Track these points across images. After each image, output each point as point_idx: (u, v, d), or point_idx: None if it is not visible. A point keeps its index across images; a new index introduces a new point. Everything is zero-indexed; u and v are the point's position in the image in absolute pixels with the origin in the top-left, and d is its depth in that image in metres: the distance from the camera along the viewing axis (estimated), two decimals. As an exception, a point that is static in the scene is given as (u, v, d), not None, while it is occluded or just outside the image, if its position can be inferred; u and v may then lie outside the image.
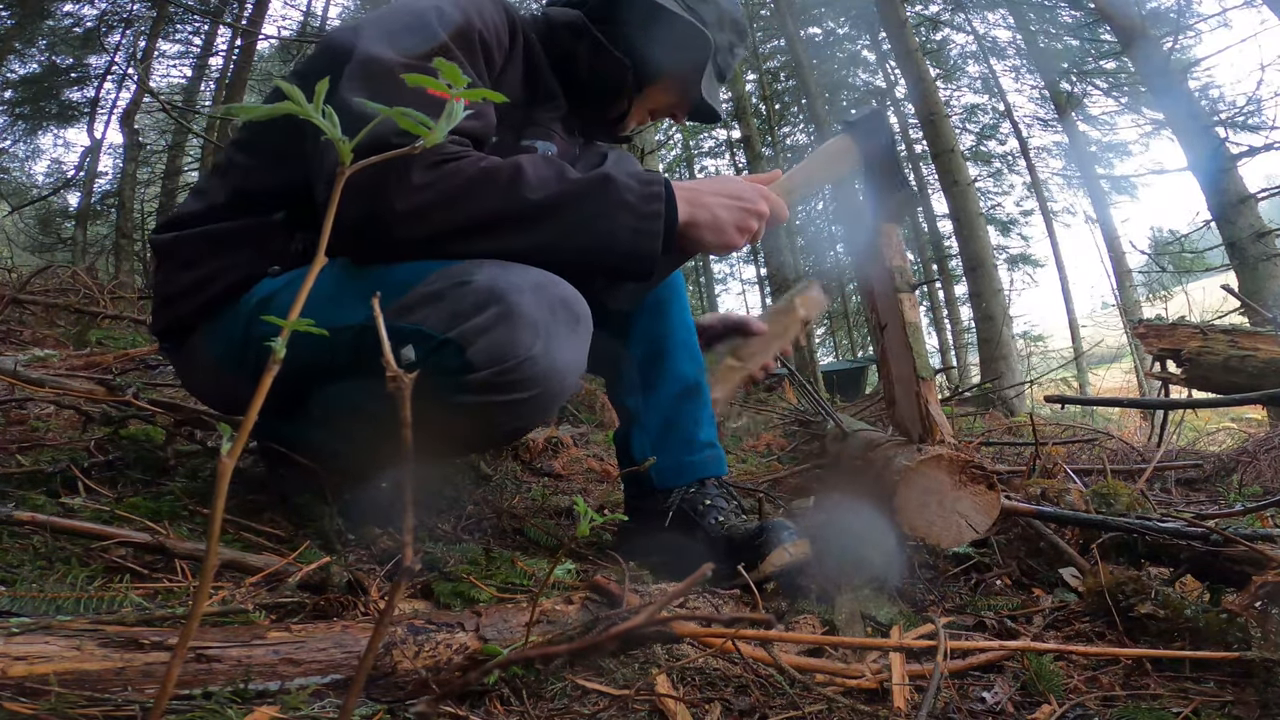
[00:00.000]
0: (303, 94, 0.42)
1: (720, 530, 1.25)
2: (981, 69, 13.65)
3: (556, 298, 0.99)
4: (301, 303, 0.44)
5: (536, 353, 0.95)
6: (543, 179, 1.02)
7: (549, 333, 0.96)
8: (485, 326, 0.93)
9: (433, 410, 0.98)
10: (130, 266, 8.31)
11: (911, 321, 1.28)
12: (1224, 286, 4.47)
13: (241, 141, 1.22)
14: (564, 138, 1.34)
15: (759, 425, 3.66)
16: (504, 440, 1.20)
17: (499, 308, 0.94)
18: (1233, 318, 4.48)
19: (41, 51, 8.88)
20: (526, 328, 0.94)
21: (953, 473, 1.13)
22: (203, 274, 1.15)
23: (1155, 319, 4.01)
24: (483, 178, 1.00)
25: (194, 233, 1.17)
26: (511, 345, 0.94)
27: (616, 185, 1.04)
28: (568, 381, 1.02)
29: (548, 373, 0.97)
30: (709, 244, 1.14)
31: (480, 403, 0.96)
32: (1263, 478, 2.24)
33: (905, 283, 1.29)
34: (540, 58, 1.26)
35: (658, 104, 1.36)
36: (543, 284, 0.99)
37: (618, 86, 1.29)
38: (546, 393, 0.99)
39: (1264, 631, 0.86)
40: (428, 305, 0.96)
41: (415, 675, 0.69)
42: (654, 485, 1.34)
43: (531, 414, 1.03)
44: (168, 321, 1.20)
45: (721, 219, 1.12)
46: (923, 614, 1.05)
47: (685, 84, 1.31)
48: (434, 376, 0.96)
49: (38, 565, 0.89)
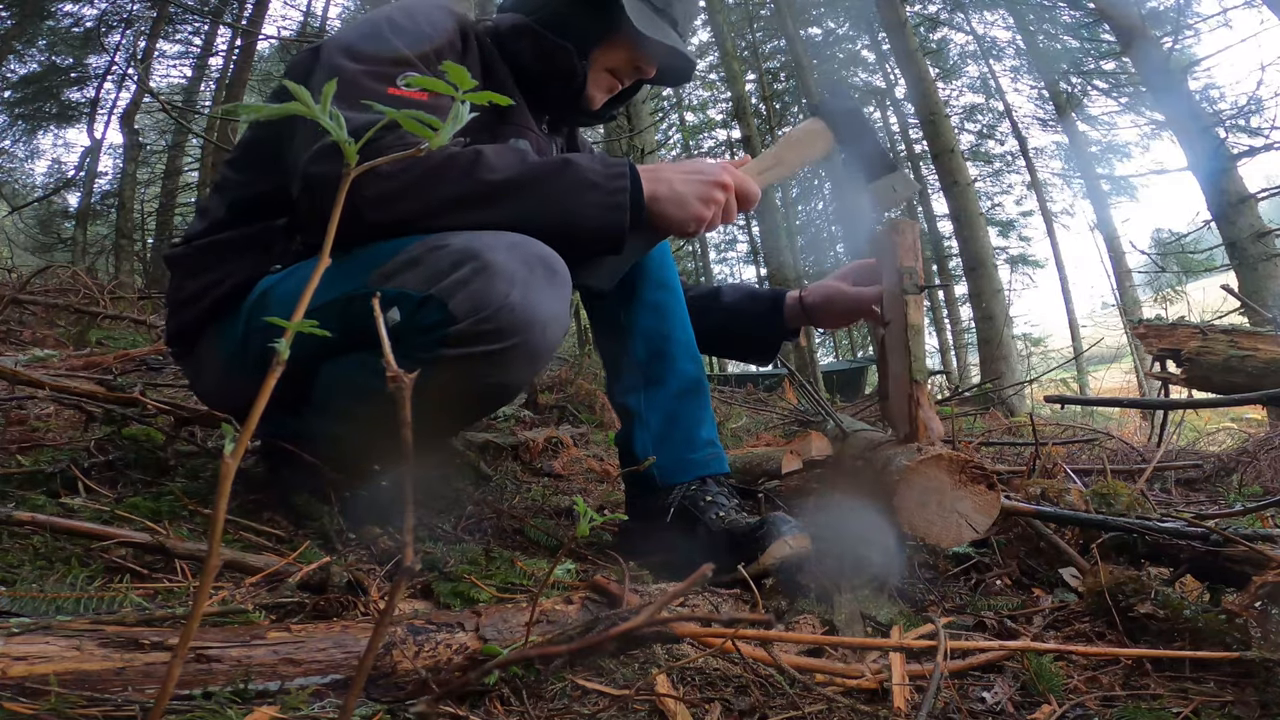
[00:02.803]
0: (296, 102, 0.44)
1: (721, 525, 1.26)
2: (981, 69, 13.66)
3: (533, 254, 1.05)
4: (307, 302, 0.44)
5: (514, 300, 1.00)
6: (503, 163, 1.09)
7: (526, 283, 1.01)
8: (464, 280, 0.99)
9: (419, 373, 1.01)
10: (130, 266, 8.32)
11: (914, 324, 1.28)
12: (1224, 286, 4.47)
13: (234, 160, 1.31)
14: (536, 132, 1.39)
15: (759, 425, 3.67)
16: (492, 401, 1.23)
17: (475, 263, 1.00)
18: (1233, 318, 4.48)
19: (41, 51, 8.88)
20: (503, 278, 1.00)
21: (953, 473, 1.13)
22: (210, 279, 1.22)
23: (1155, 319, 4.01)
24: (445, 163, 1.07)
25: (201, 243, 1.25)
26: (488, 294, 0.99)
27: (578, 167, 1.11)
28: (549, 332, 1.06)
29: (527, 320, 1.02)
30: (673, 217, 1.18)
31: (463, 355, 1.01)
32: (1263, 478, 2.24)
33: (914, 284, 1.28)
34: (496, 60, 1.34)
35: (612, 64, 1.39)
36: (517, 243, 1.04)
37: (567, 67, 1.34)
38: (527, 342, 1.03)
39: (1264, 631, 0.86)
40: (408, 270, 1.03)
41: (415, 675, 0.69)
42: (655, 483, 1.35)
43: (515, 366, 1.06)
44: (179, 327, 1.27)
45: (682, 192, 1.17)
46: (923, 614, 1.05)
47: (622, 32, 1.33)
48: (417, 335, 1.02)
49: (38, 565, 0.89)
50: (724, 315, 1.63)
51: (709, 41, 11.52)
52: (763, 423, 3.76)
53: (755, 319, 1.62)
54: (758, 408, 4.42)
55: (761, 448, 2.23)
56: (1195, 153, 6.17)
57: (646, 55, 1.38)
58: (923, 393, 1.27)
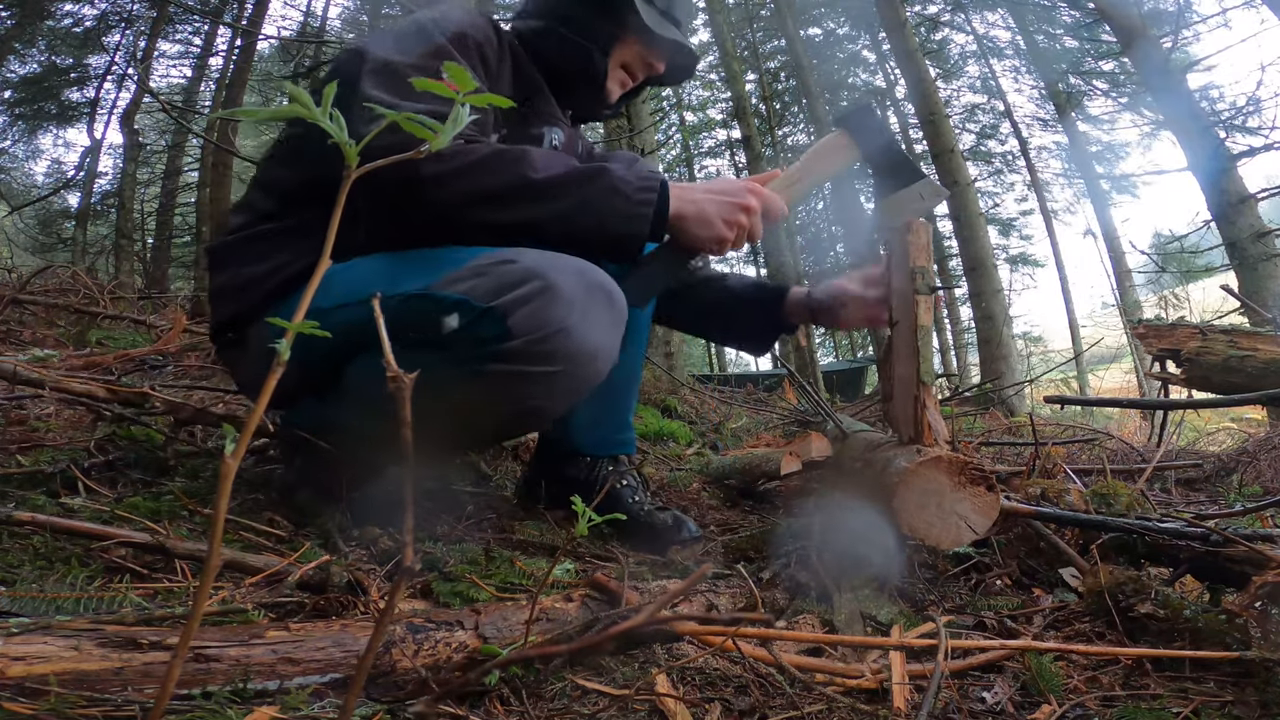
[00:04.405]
0: (312, 101, 0.45)
1: (639, 512, 1.47)
2: (981, 69, 13.65)
3: (596, 283, 1.09)
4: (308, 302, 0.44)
5: (572, 325, 1.04)
6: (547, 163, 1.14)
7: (585, 311, 1.05)
8: (526, 298, 1.02)
9: (463, 381, 1.06)
10: (130, 266, 8.31)
11: (924, 325, 1.28)
12: (1224, 287, 4.47)
13: (279, 156, 1.35)
14: (564, 121, 1.49)
15: (759, 425, 3.67)
16: (525, 422, 1.31)
17: (541, 283, 1.03)
18: (1233, 318, 4.48)
19: (41, 51, 8.87)
20: (565, 303, 1.03)
21: (952, 474, 1.13)
22: (275, 264, 1.23)
23: (1155, 319, 4.00)
24: (495, 155, 1.13)
25: (262, 230, 1.26)
26: (549, 317, 1.02)
27: (611, 174, 1.16)
28: (596, 364, 1.10)
29: (579, 349, 1.05)
30: (697, 236, 1.22)
31: (510, 372, 1.04)
32: (1263, 478, 2.24)
33: (925, 285, 1.28)
34: (524, 60, 1.42)
35: (625, 60, 1.47)
36: (583, 269, 1.09)
37: (590, 64, 1.43)
38: (574, 370, 1.07)
39: (1264, 631, 0.86)
40: (475, 278, 1.06)
41: (414, 674, 0.69)
42: (581, 449, 1.54)
43: (558, 391, 1.09)
44: (232, 314, 1.26)
45: (708, 212, 1.21)
46: (923, 614, 1.05)
47: (634, 30, 1.43)
48: (471, 345, 1.05)
49: (38, 565, 0.89)
50: (726, 295, 1.67)
51: (709, 41, 11.50)
52: (763, 423, 3.76)
53: (757, 305, 1.65)
54: (758, 408, 4.42)
55: (761, 448, 2.23)
56: (1195, 153, 6.16)
57: (657, 51, 1.48)
58: (929, 395, 1.27)
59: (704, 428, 3.35)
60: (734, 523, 1.68)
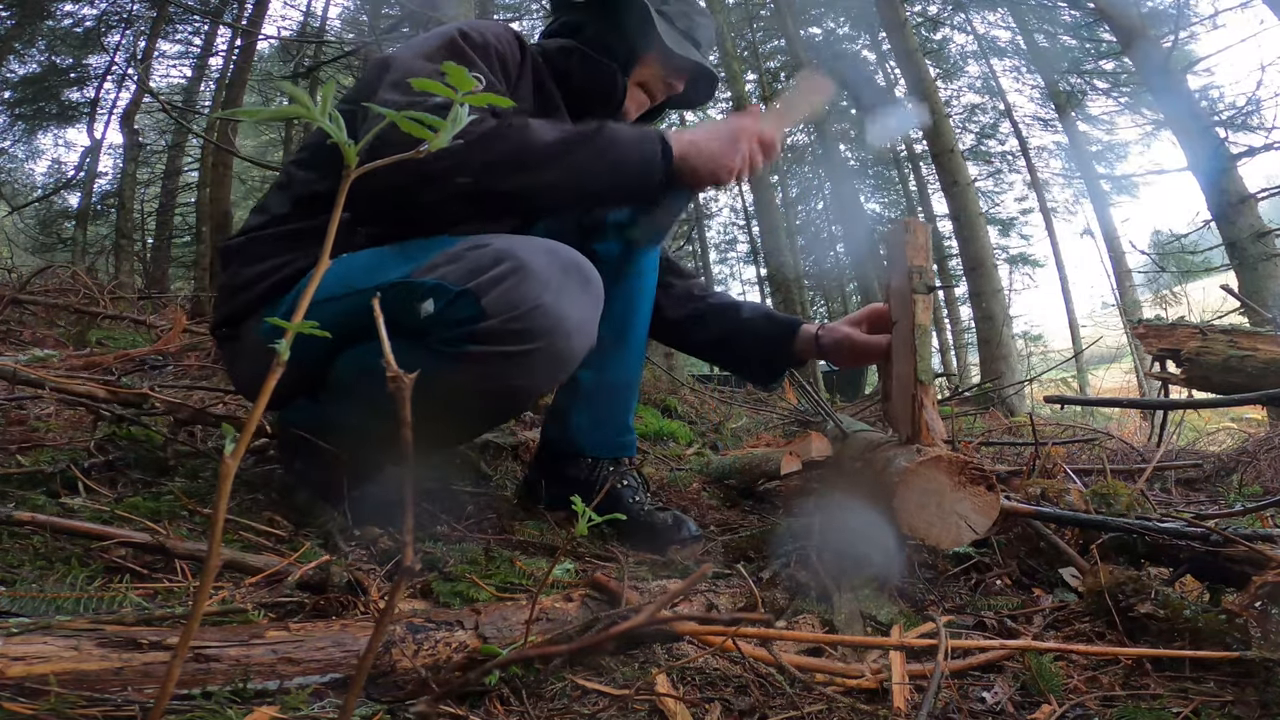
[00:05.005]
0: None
1: (639, 512, 1.47)
2: (981, 69, 13.63)
3: (569, 260, 1.11)
4: (308, 301, 0.44)
5: (546, 302, 1.05)
6: (547, 128, 1.17)
7: (559, 288, 1.07)
8: (499, 278, 1.04)
9: (444, 366, 1.07)
10: (130, 266, 8.31)
11: (922, 324, 1.28)
12: (1223, 286, 4.47)
13: (302, 160, 1.38)
14: None
15: (759, 425, 3.67)
16: (510, 405, 1.29)
17: (513, 263, 1.05)
18: (1233, 318, 4.47)
19: (41, 51, 8.87)
20: (538, 281, 1.05)
21: (952, 474, 1.12)
22: (270, 265, 1.26)
23: (1155, 319, 4.00)
24: (497, 126, 1.14)
25: (267, 233, 1.30)
26: (521, 295, 1.04)
27: (612, 128, 1.20)
28: (575, 340, 1.11)
29: (556, 325, 1.07)
30: (703, 169, 1.24)
31: (488, 353, 1.05)
32: (1263, 478, 2.24)
33: (924, 284, 1.28)
34: (545, 74, 1.45)
35: (644, 78, 1.51)
36: (555, 249, 1.10)
37: (610, 84, 1.46)
38: (552, 347, 1.08)
39: (1264, 631, 0.86)
40: (449, 263, 1.08)
41: (414, 674, 0.69)
42: (582, 451, 1.54)
43: (538, 370, 1.10)
44: (230, 311, 1.30)
45: (709, 148, 1.24)
46: (923, 614, 1.05)
47: (654, 50, 1.46)
48: (448, 328, 1.06)
49: (38, 565, 0.89)
50: (737, 326, 1.68)
51: (709, 41, 11.51)
52: (763, 423, 3.76)
53: (766, 338, 1.66)
54: (758, 408, 4.42)
55: (761, 448, 2.23)
56: (1195, 153, 6.16)
57: (677, 71, 1.51)
58: (927, 394, 1.27)
59: (704, 428, 3.35)
60: (734, 523, 1.68)
